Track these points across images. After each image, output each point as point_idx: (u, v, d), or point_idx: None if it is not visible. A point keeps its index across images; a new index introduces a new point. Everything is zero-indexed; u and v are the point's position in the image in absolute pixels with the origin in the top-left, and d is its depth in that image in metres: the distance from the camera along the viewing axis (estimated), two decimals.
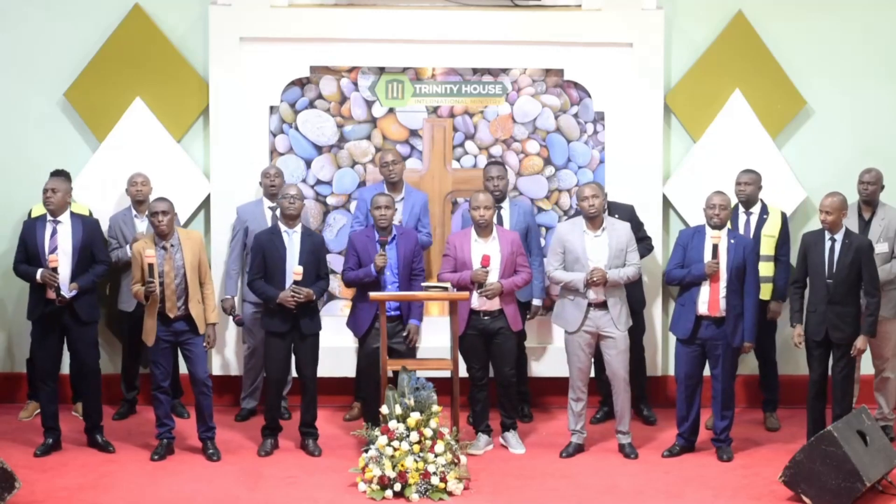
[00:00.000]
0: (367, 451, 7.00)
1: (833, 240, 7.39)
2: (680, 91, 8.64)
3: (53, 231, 7.48)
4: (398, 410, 7.03)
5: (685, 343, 7.50)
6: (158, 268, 7.28)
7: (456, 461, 7.02)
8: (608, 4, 8.49)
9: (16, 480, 6.54)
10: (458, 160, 8.70)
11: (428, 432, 6.96)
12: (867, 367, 8.19)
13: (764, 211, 8.06)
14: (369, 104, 8.66)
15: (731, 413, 7.56)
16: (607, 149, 8.61)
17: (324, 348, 7.75)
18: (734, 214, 8.00)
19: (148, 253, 7.27)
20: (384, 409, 7.09)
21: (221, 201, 8.52)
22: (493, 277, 7.51)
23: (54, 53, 8.56)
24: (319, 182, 8.68)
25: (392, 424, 6.99)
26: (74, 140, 8.62)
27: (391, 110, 8.66)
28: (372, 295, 7.40)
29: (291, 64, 8.55)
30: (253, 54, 8.50)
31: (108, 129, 8.53)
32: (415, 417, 6.97)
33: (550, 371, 8.50)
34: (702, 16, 8.63)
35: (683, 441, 7.62)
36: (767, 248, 7.96)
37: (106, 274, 7.79)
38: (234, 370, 8.60)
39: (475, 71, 8.65)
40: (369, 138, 8.68)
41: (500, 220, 7.96)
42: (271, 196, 8.15)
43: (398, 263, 7.65)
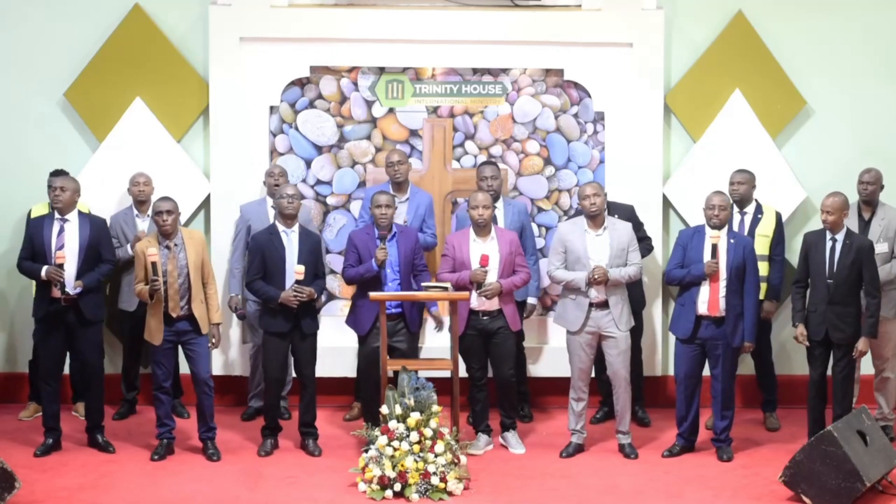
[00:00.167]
0: (367, 451, 6.99)
1: (834, 240, 7.38)
2: (680, 91, 8.64)
3: (61, 229, 7.47)
4: (398, 410, 7.03)
5: (685, 343, 7.49)
6: (162, 267, 7.28)
7: (456, 461, 7.01)
8: (608, 4, 8.49)
9: (16, 480, 6.54)
10: (458, 160, 8.70)
11: (428, 432, 6.96)
12: (867, 367, 8.19)
13: (758, 210, 8.05)
14: (369, 104, 8.66)
15: (731, 413, 7.56)
16: (607, 149, 8.61)
17: (324, 348, 7.76)
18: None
19: (151, 252, 7.27)
20: (384, 409, 7.09)
21: (221, 201, 8.52)
22: (492, 277, 7.51)
23: (54, 53, 8.56)
24: (319, 182, 8.68)
25: (392, 424, 6.99)
26: (74, 140, 8.62)
27: (391, 110, 8.66)
28: (372, 295, 7.39)
29: (291, 64, 8.55)
30: (253, 54, 8.50)
31: (108, 129, 8.53)
32: (415, 417, 6.97)
33: (550, 371, 8.50)
34: (702, 16, 8.63)
35: (683, 441, 7.62)
36: (762, 248, 7.93)
37: (111, 273, 7.79)
38: (236, 370, 8.61)
39: (475, 71, 8.65)
40: (369, 138, 8.68)
41: (495, 220, 7.95)
42: (275, 195, 8.15)
43: (399, 261, 7.65)
